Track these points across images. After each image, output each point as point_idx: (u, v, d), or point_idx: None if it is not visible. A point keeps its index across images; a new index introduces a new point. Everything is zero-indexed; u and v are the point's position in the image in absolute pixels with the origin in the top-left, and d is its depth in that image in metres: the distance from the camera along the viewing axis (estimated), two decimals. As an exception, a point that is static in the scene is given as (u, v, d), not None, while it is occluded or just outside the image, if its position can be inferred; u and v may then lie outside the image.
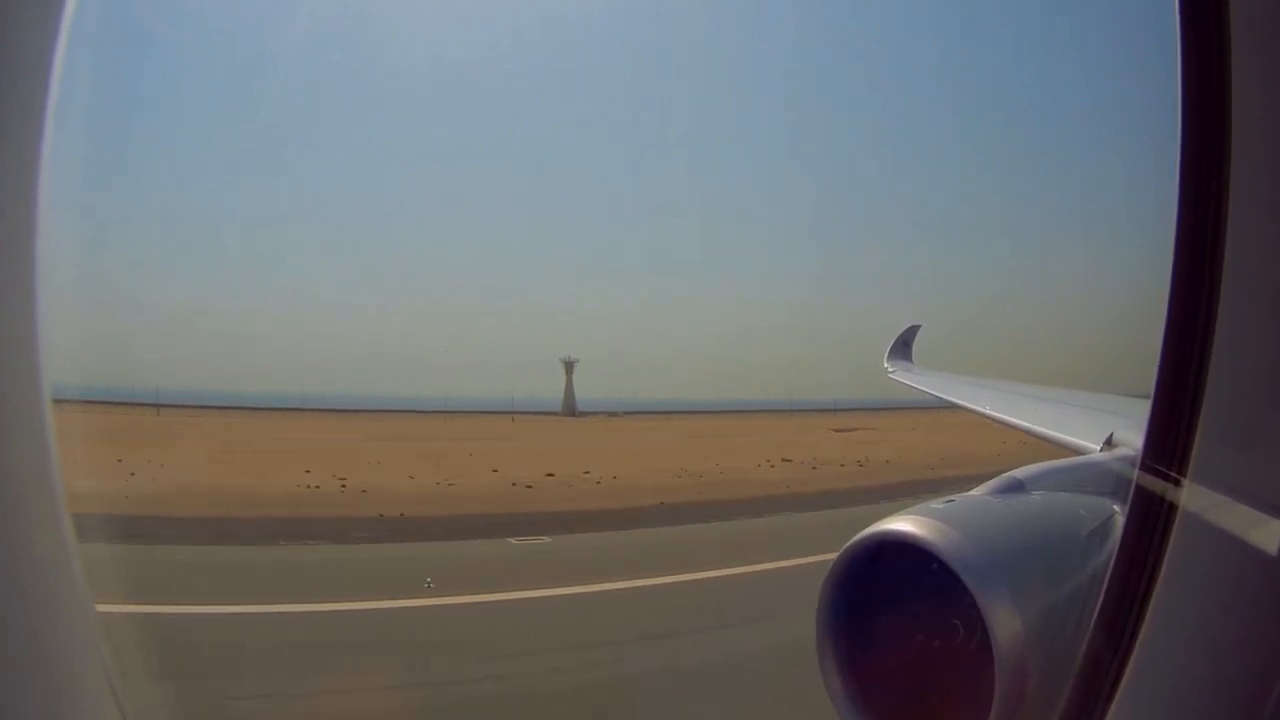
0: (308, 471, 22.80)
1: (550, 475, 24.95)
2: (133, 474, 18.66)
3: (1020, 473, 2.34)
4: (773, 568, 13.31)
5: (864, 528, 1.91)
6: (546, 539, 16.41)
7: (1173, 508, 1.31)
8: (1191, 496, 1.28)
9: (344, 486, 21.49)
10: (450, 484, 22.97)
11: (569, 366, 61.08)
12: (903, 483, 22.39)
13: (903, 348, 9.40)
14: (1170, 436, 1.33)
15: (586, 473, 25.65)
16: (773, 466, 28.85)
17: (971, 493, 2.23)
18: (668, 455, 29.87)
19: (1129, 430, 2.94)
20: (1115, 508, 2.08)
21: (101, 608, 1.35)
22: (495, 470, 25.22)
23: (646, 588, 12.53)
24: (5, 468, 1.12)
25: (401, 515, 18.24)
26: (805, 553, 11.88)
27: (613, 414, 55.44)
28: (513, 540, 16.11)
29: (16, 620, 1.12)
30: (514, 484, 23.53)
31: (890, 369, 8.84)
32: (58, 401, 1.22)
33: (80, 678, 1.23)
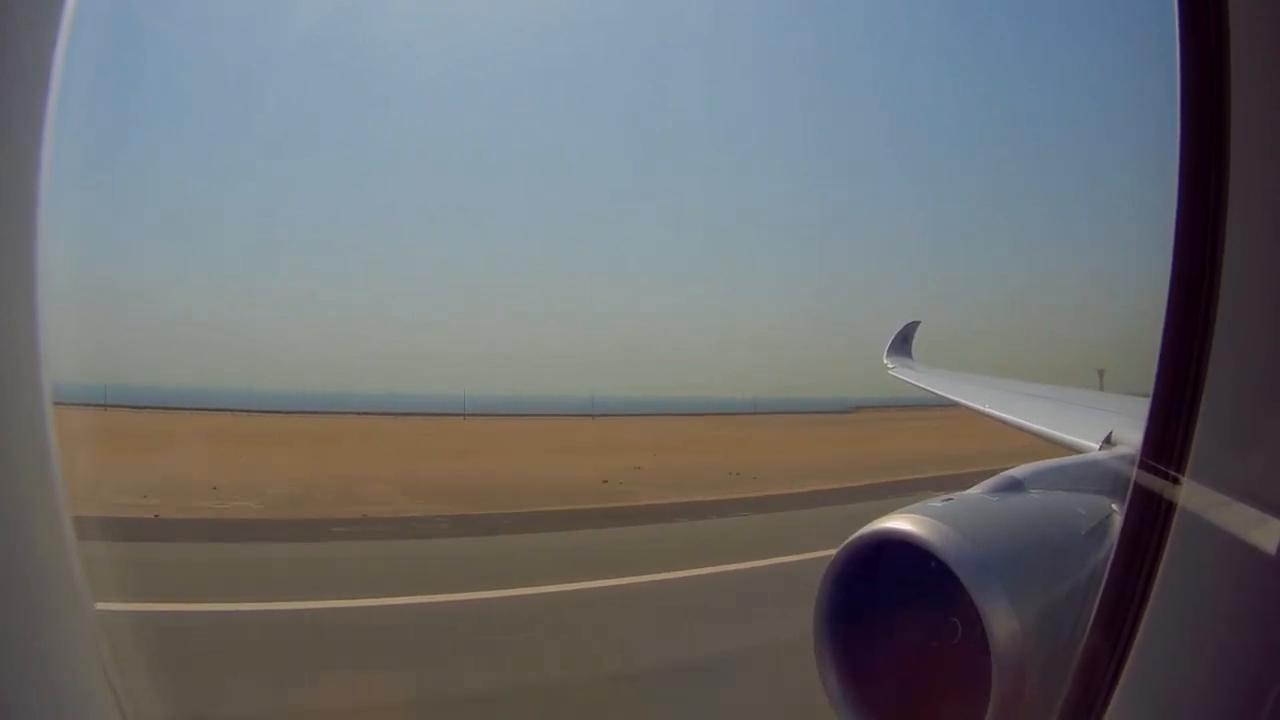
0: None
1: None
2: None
3: (1018, 471, 2.35)
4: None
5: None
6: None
7: (1171, 507, 1.31)
8: (1190, 495, 1.28)
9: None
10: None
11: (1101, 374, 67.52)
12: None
13: (902, 344, 9.35)
14: (1169, 435, 1.33)
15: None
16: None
17: (969, 491, 2.23)
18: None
19: (1128, 429, 2.94)
20: (1114, 507, 2.08)
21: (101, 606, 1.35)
22: None
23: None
24: (5, 468, 1.12)
25: None
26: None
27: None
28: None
29: (16, 621, 1.12)
30: None
31: (890, 365, 8.81)
32: (59, 404, 1.21)
33: (81, 678, 1.23)
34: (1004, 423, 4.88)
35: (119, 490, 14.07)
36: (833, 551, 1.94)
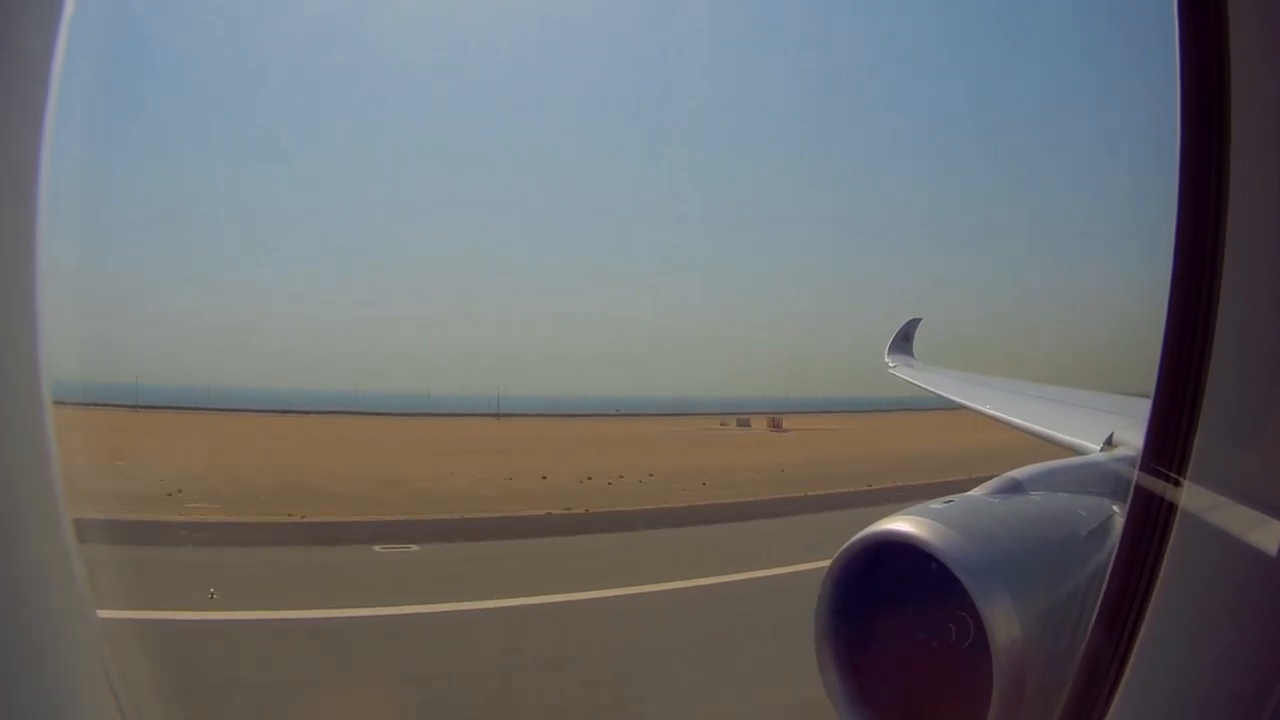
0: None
1: None
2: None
3: (1019, 473, 2.34)
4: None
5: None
6: None
7: (1172, 508, 1.31)
8: (1191, 497, 1.28)
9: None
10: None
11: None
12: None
13: (903, 342, 9.28)
14: (1170, 436, 1.33)
15: None
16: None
17: (970, 493, 2.23)
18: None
19: (1129, 430, 2.94)
20: (1115, 508, 2.08)
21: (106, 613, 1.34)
22: None
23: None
24: (5, 468, 1.12)
25: None
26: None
27: None
28: None
29: (16, 625, 1.11)
30: None
31: (891, 364, 8.76)
32: (58, 403, 1.21)
33: (81, 683, 1.23)
34: (1005, 424, 4.87)
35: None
36: None
